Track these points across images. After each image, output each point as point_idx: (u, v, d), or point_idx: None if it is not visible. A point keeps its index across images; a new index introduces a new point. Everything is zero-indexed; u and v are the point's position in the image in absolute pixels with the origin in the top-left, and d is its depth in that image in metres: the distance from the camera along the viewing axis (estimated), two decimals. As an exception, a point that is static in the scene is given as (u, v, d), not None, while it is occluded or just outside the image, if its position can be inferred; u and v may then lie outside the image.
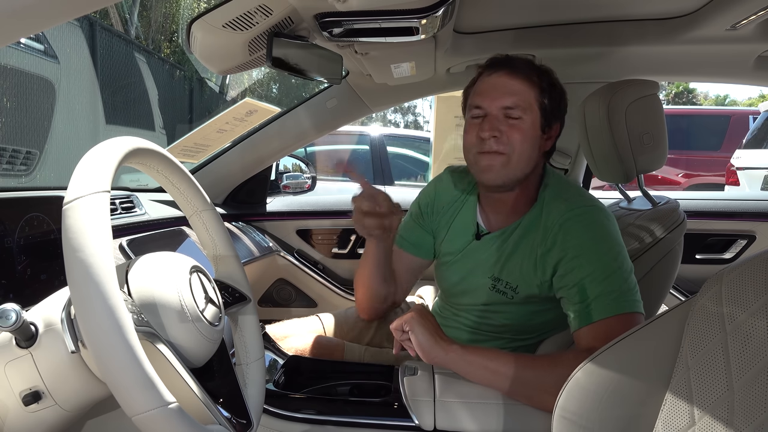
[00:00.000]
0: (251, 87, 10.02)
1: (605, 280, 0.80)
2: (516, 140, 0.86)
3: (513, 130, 0.86)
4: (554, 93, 0.90)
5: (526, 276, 0.90)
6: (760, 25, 1.02)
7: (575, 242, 0.84)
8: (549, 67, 0.92)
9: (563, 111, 0.93)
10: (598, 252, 0.82)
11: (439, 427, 0.81)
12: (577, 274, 0.82)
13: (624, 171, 1.07)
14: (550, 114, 0.89)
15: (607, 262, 0.81)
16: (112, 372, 0.43)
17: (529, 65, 0.89)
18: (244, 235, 1.53)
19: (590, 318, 0.79)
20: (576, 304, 0.81)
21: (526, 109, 0.87)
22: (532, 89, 0.87)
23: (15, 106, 2.95)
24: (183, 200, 0.70)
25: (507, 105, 0.87)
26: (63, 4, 0.46)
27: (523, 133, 0.86)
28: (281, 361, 1.01)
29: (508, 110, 0.87)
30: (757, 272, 0.49)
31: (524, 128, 0.87)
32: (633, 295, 0.80)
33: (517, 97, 0.86)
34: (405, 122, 17.78)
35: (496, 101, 0.87)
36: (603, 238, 0.83)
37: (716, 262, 1.71)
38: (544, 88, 0.88)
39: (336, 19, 0.85)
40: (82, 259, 0.44)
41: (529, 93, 0.87)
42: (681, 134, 5.42)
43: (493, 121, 0.87)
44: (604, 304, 0.79)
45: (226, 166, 1.62)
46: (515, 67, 0.88)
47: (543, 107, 0.88)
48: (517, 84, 0.87)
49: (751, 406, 0.46)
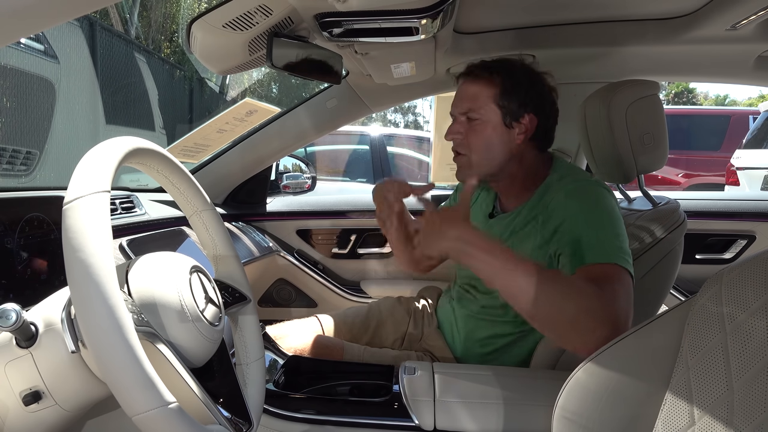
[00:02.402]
0: (251, 87, 10.02)
1: (599, 236, 0.82)
2: (474, 140, 0.96)
3: (471, 132, 0.96)
4: (516, 89, 0.94)
5: (528, 243, 0.93)
6: (760, 25, 1.02)
7: (572, 206, 0.87)
8: (522, 62, 0.98)
9: (535, 102, 0.96)
10: (594, 217, 0.85)
11: (439, 427, 0.81)
12: (573, 233, 0.84)
13: (624, 171, 1.07)
14: (511, 109, 0.94)
15: (602, 224, 0.84)
16: (112, 372, 0.43)
17: (489, 68, 0.96)
18: (244, 235, 1.53)
19: (582, 260, 0.80)
20: (570, 255, 0.83)
21: (482, 110, 0.95)
22: (487, 89, 0.95)
23: (15, 106, 2.95)
24: (183, 200, 0.70)
25: (465, 109, 0.97)
26: (63, 4, 0.46)
27: (480, 132, 0.95)
28: (281, 361, 1.01)
29: (467, 113, 0.97)
30: (757, 272, 0.49)
31: (482, 128, 0.95)
32: (626, 255, 0.81)
33: (472, 101, 0.96)
34: (405, 122, 17.77)
35: (457, 107, 0.99)
36: (600, 207, 0.86)
37: (716, 262, 1.71)
38: (503, 86, 0.94)
39: (336, 19, 0.85)
40: (82, 259, 0.44)
41: (483, 94, 0.95)
42: (681, 134, 5.41)
43: (454, 126, 0.99)
44: (597, 251, 0.80)
45: (226, 166, 1.62)
46: (473, 74, 0.97)
47: (502, 105, 0.94)
48: (474, 88, 0.96)
49: (751, 405, 0.46)
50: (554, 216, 0.88)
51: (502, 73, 0.95)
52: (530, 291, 0.69)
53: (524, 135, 0.96)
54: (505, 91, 0.94)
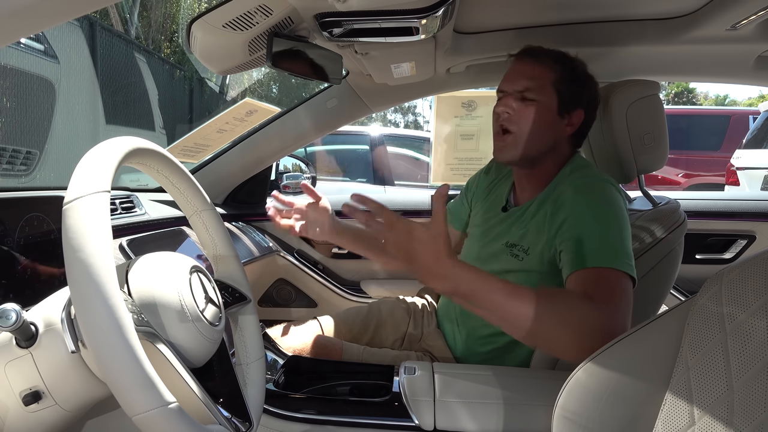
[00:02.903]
0: (251, 87, 10.02)
1: (602, 236, 0.81)
2: (526, 119, 0.93)
3: (524, 110, 0.93)
4: (575, 80, 0.94)
5: (537, 238, 0.93)
6: (760, 25, 1.02)
7: (580, 201, 0.87)
8: (580, 60, 0.97)
9: (587, 100, 0.96)
10: (600, 212, 0.85)
11: (439, 427, 0.81)
12: (577, 228, 0.84)
13: (624, 171, 1.07)
14: (568, 99, 0.93)
15: (606, 222, 0.83)
16: (112, 372, 0.43)
17: (551, 53, 0.95)
18: (244, 235, 1.53)
19: (584, 263, 0.79)
20: (571, 253, 0.82)
21: (541, 92, 0.92)
22: (549, 73, 0.93)
23: (15, 106, 2.95)
24: (183, 200, 0.70)
25: (522, 87, 0.93)
26: (63, 4, 0.46)
27: (534, 113, 0.92)
28: (281, 361, 1.01)
29: (523, 92, 0.93)
30: (757, 272, 0.49)
31: (536, 109, 0.92)
32: (629, 259, 0.80)
33: (532, 80, 0.93)
34: (405, 122, 17.77)
35: (513, 84, 0.95)
36: (607, 201, 0.86)
37: (716, 262, 1.71)
38: (563, 74, 0.93)
39: (336, 19, 0.85)
40: (82, 259, 0.44)
41: (545, 77, 0.93)
42: (681, 134, 5.41)
43: (508, 99, 0.95)
44: (599, 254, 0.79)
45: (226, 166, 1.62)
46: (535, 54, 0.95)
47: (559, 91, 0.92)
48: (535, 68, 0.93)
49: (751, 405, 0.46)
50: (561, 210, 0.88)
51: (564, 62, 0.94)
52: (527, 320, 0.67)
53: (571, 128, 0.95)
54: (565, 79, 0.93)
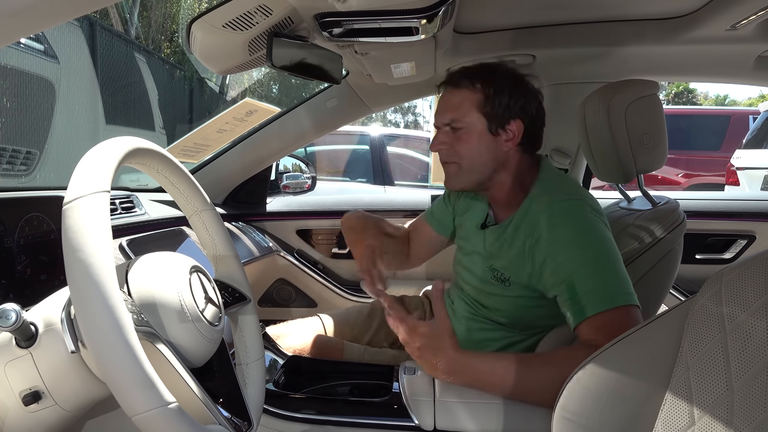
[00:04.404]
0: (251, 87, 10.02)
1: (593, 274, 0.80)
2: (461, 149, 0.93)
3: (457, 141, 0.93)
4: (501, 94, 0.91)
5: (518, 267, 0.91)
6: (760, 25, 1.02)
7: (559, 237, 0.84)
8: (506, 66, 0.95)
9: (521, 107, 0.93)
10: (583, 246, 0.83)
11: (439, 427, 0.81)
12: (565, 271, 0.82)
13: (624, 171, 1.07)
14: (497, 115, 0.92)
15: (592, 256, 0.82)
16: (112, 372, 0.43)
17: (471, 74, 0.93)
18: (244, 235, 1.53)
19: (584, 313, 0.79)
20: (568, 301, 0.81)
21: (466, 119, 0.92)
22: (470, 97, 0.92)
23: (15, 106, 2.95)
24: (183, 200, 0.70)
25: (448, 120, 0.94)
26: (63, 4, 0.46)
27: (466, 141, 0.93)
28: (281, 361, 1.01)
29: (450, 123, 0.94)
30: (757, 272, 0.49)
31: (467, 137, 0.92)
32: (624, 287, 0.80)
33: (455, 111, 0.93)
34: (405, 122, 17.77)
35: (440, 117, 0.96)
36: (587, 232, 0.84)
37: (716, 262, 1.71)
38: (485, 93, 0.91)
39: (336, 19, 0.85)
40: (82, 259, 0.44)
41: (466, 102, 0.92)
42: (681, 134, 5.41)
43: (439, 136, 0.96)
44: (595, 298, 0.79)
45: (226, 166, 1.62)
46: (454, 82, 0.94)
47: (486, 112, 0.91)
48: (455, 97, 0.94)
49: (751, 405, 0.46)
50: (540, 245, 0.86)
51: (484, 80, 0.92)
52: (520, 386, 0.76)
53: (512, 141, 0.93)
54: (487, 98, 0.91)
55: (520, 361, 0.78)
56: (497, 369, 0.77)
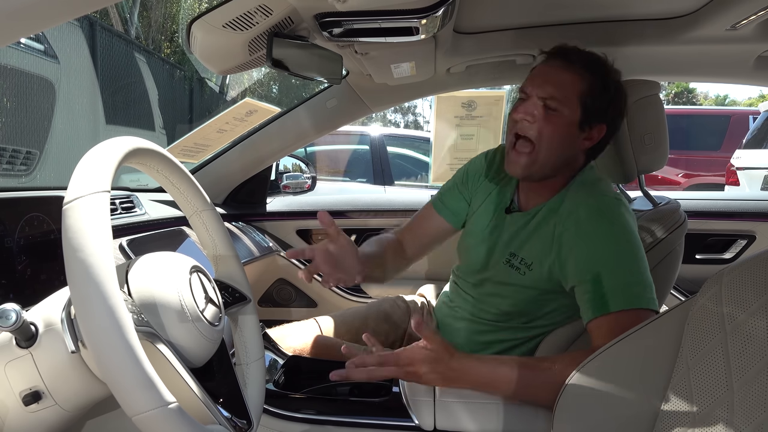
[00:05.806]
0: (251, 87, 10.02)
1: (624, 272, 0.79)
2: (546, 130, 0.86)
3: (545, 121, 0.86)
4: (604, 94, 0.87)
5: (542, 254, 0.90)
6: (760, 25, 1.02)
7: (595, 229, 0.83)
8: (615, 69, 0.91)
9: (612, 115, 0.90)
10: (619, 242, 0.82)
11: (439, 427, 0.81)
12: (596, 263, 0.81)
13: (625, 171, 1.07)
14: (591, 113, 0.87)
15: (626, 254, 0.81)
16: (112, 372, 0.43)
17: (585, 58, 0.88)
18: (244, 235, 1.53)
19: (607, 308, 0.78)
20: (590, 293, 0.80)
21: (565, 103, 0.85)
22: (578, 83, 0.86)
23: (15, 106, 2.95)
24: (183, 200, 0.70)
25: (546, 94, 0.86)
26: (63, 4, 0.46)
27: (554, 125, 0.86)
28: (281, 361, 1.01)
29: (546, 100, 0.86)
30: (757, 272, 0.49)
31: (557, 121, 0.86)
32: (650, 291, 0.79)
33: (558, 89, 0.85)
34: (405, 122, 17.77)
35: (537, 88, 0.87)
36: (624, 230, 0.83)
37: (716, 262, 1.71)
38: (593, 86, 0.86)
39: (336, 19, 0.85)
40: (82, 259, 0.43)
41: (573, 87, 0.86)
42: (681, 134, 5.41)
43: (529, 106, 0.87)
44: (622, 295, 0.78)
45: (226, 166, 1.62)
46: (569, 59, 0.88)
47: (584, 104, 0.86)
48: (564, 75, 0.86)
49: (751, 405, 0.46)
50: (573, 233, 0.85)
51: (596, 73, 0.87)
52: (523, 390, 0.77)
53: (589, 142, 0.89)
54: (593, 92, 0.86)
55: (522, 364, 0.78)
56: (499, 372, 0.78)
